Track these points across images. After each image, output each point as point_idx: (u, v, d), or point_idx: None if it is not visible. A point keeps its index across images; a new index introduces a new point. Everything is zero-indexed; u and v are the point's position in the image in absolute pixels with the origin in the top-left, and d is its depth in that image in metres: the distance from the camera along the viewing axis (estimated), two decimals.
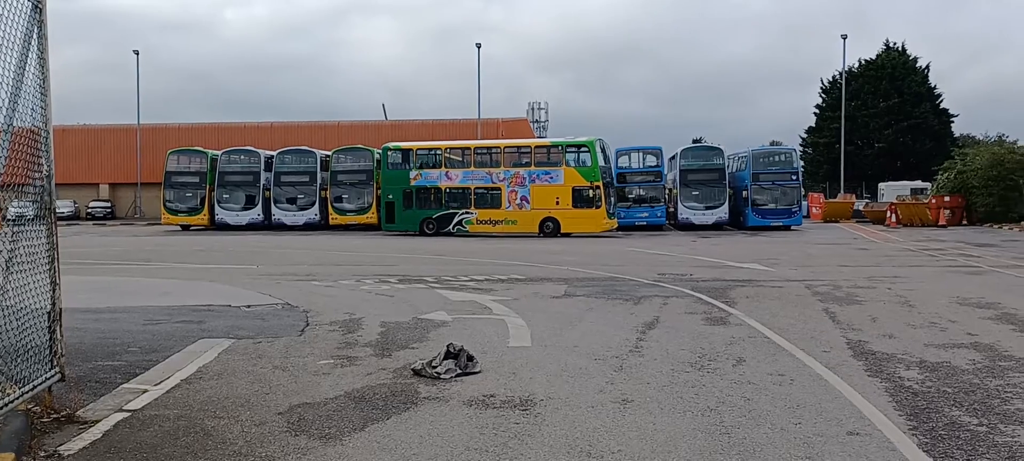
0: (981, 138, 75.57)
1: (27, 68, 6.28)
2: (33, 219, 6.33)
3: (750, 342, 9.78)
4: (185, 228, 45.21)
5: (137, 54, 60.92)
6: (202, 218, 45.19)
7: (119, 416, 6.61)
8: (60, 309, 6.64)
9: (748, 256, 23.84)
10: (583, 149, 37.27)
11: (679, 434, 6.04)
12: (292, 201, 45.18)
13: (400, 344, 9.84)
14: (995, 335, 10.17)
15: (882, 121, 69.59)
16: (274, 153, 46.41)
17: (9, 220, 6.05)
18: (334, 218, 43.78)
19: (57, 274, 6.61)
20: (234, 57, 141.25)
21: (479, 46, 57.84)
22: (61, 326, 6.66)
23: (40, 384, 6.25)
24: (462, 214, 37.95)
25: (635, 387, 7.52)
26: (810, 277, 17.66)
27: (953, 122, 72.55)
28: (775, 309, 12.61)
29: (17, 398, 5.85)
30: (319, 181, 44.72)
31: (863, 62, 72.77)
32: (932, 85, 71.91)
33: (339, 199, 44.06)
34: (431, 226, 38.11)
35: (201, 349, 9.57)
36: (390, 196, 39.15)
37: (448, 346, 8.45)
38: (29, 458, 5.55)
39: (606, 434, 6.05)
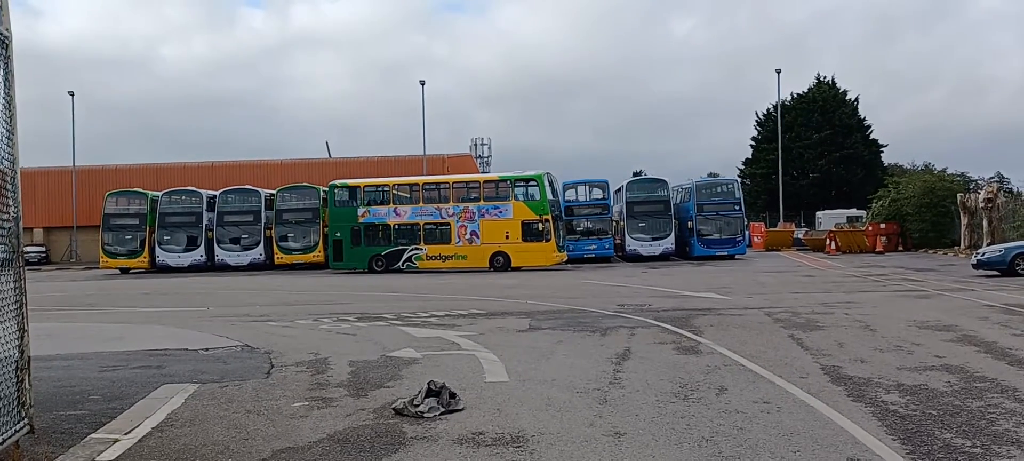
0: (908, 167, 77.95)
1: None
2: (1, 263, 5.97)
3: (726, 370, 9.72)
4: (124, 271, 44.02)
5: (72, 95, 59.53)
6: (142, 261, 44.06)
7: None
8: (28, 357, 6.26)
9: (701, 285, 23.99)
10: (532, 183, 37.32)
11: None
12: (236, 241, 44.35)
13: (374, 383, 9.56)
14: (962, 357, 10.29)
15: (815, 152, 71.45)
16: (217, 193, 45.53)
17: None
18: (280, 257, 43.05)
19: (25, 320, 6.24)
20: (172, 95, 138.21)
21: (423, 83, 57.59)
22: (29, 375, 6.28)
23: (10, 437, 5.86)
24: (412, 250, 37.63)
25: (624, 420, 7.38)
26: (767, 304, 17.80)
27: (883, 152, 74.74)
28: (742, 337, 12.62)
29: None
30: (264, 220, 44.01)
31: (795, 95, 74.70)
32: (862, 117, 74.09)
33: (285, 238, 43.40)
34: (380, 263, 37.71)
35: (166, 394, 9.16)
36: (338, 234, 38.69)
37: (429, 384, 8.21)
38: None
39: None
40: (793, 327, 13.79)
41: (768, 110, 75.24)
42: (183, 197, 45.40)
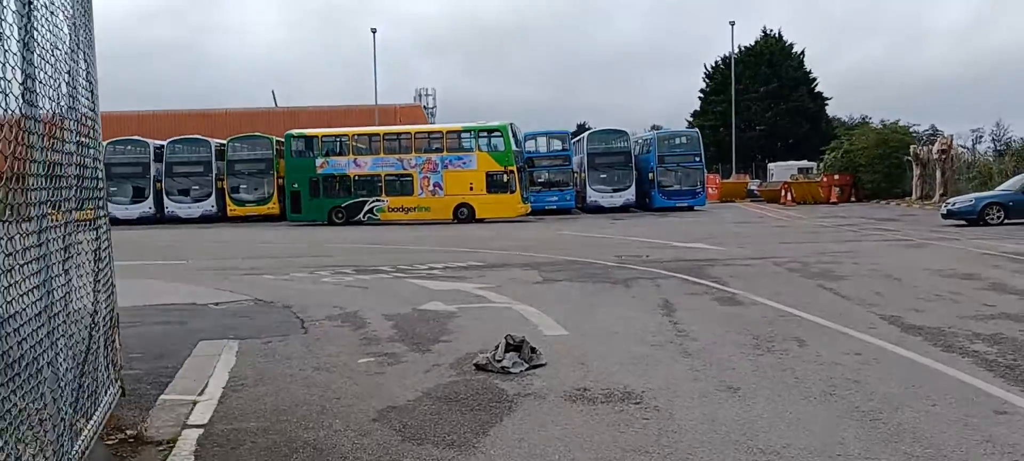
0: (847, 120, 79.39)
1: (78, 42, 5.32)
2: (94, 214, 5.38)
3: (788, 322, 9.55)
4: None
5: None
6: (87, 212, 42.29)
7: (193, 433, 5.74)
8: (117, 314, 5.71)
9: (682, 235, 23.92)
10: (495, 133, 36.78)
11: (830, 423, 5.67)
12: (185, 192, 42.86)
13: (428, 337, 9.14)
14: (1011, 305, 10.29)
15: (763, 105, 72.21)
16: (164, 143, 43.86)
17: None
18: (232, 209, 41.77)
19: (112, 273, 5.68)
20: (99, 41, 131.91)
21: (375, 31, 56.28)
22: (119, 333, 5.73)
23: (113, 403, 5.34)
24: (373, 202, 36.87)
25: (725, 373, 7.12)
26: (765, 254, 17.77)
27: (827, 105, 75.85)
28: (772, 287, 12.48)
29: (96, 429, 4.91)
30: (215, 171, 42.59)
31: (743, 48, 75.05)
32: (808, 70, 74.93)
33: (237, 189, 42.11)
34: (340, 215, 36.87)
35: (209, 352, 8.65)
36: (295, 185, 37.68)
37: (506, 338, 7.84)
38: None
39: (753, 426, 5.62)
40: (813, 276, 13.74)
41: (717, 62, 75.64)
42: (128, 147, 43.49)
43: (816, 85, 74.96)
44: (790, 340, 8.45)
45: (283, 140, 39.55)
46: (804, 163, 56.66)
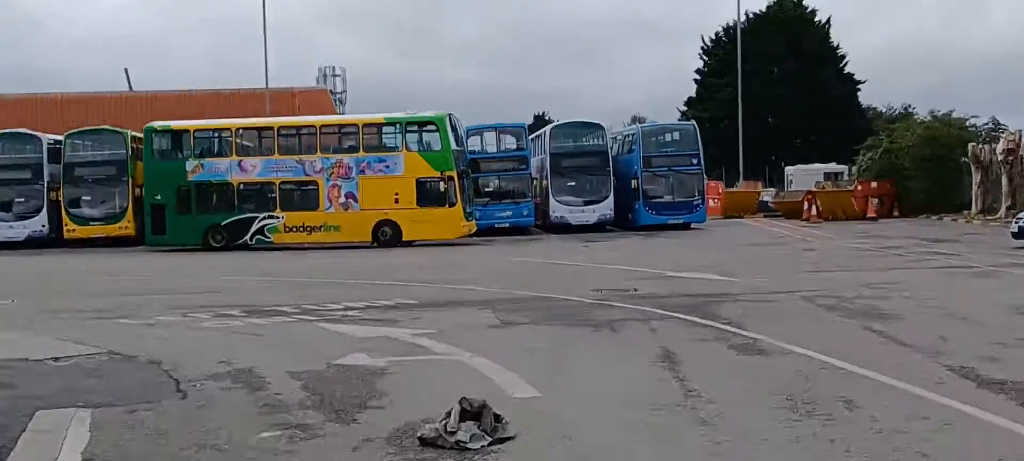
0: (885, 111, 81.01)
1: None
2: None
3: (829, 376, 9.66)
4: None
5: None
6: None
7: None
8: None
9: (682, 263, 24.13)
10: (429, 127, 36.66)
11: None
12: (6, 208, 41.94)
13: (353, 403, 9.03)
14: None
15: (778, 90, 73.04)
16: None
17: None
18: (71, 230, 40.79)
19: None
20: None
21: None
22: None
23: None
24: (264, 219, 36.43)
25: (758, 451, 7.13)
26: (790, 287, 18.03)
27: (860, 90, 77.05)
28: (804, 330, 12.65)
29: None
30: (47, 178, 41.78)
31: (750, 16, 75.89)
32: (835, 45, 76.18)
33: (77, 202, 41.24)
34: (220, 237, 36.33)
35: (52, 425, 8.44)
36: (157, 197, 37.04)
37: (461, 402, 7.77)
38: None
39: None
40: (855, 315, 14.01)
41: (718, 34, 76.70)
42: None
43: (846, 65, 76.42)
44: (835, 400, 8.54)
45: (141, 136, 39.08)
46: (832, 167, 57.72)
